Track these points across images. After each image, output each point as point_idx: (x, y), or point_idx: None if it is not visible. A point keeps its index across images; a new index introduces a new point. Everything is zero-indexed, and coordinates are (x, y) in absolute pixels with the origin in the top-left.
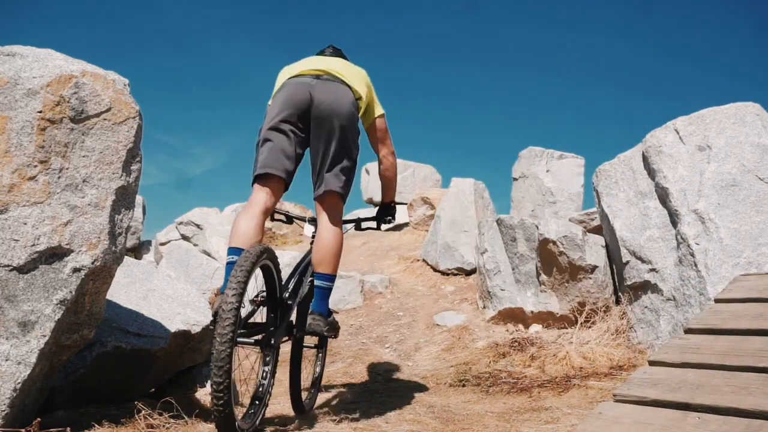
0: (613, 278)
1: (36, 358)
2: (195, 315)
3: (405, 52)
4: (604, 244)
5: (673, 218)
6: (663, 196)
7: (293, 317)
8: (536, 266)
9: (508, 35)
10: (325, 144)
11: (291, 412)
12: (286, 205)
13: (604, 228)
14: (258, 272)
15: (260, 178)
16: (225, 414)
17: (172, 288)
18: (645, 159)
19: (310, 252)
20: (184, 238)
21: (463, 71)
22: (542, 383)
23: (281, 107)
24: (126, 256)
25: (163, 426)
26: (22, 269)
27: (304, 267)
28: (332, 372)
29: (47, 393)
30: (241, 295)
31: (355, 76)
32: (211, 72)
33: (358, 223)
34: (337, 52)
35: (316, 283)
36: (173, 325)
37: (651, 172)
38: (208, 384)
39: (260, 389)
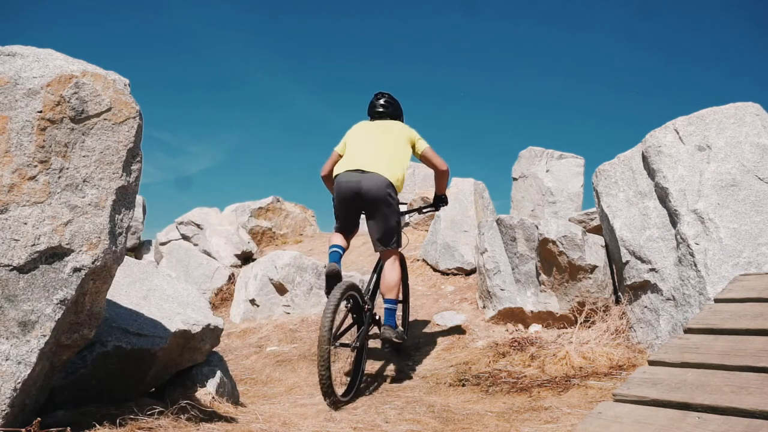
0: (613, 278)
1: (36, 357)
2: (195, 315)
3: (405, 52)
4: (603, 244)
5: (673, 218)
6: (662, 196)
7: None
8: (536, 266)
9: (508, 35)
10: (373, 217)
11: (291, 412)
12: (287, 205)
13: (603, 228)
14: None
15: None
16: (329, 392)
17: (173, 288)
18: (645, 159)
19: (378, 261)
20: (185, 238)
21: (463, 71)
22: (542, 383)
23: (339, 207)
24: (126, 256)
25: (164, 426)
26: (22, 269)
27: (376, 270)
28: (332, 372)
29: (47, 393)
30: (333, 323)
31: (392, 157)
32: (206, 69)
33: (419, 210)
34: (387, 111)
35: (385, 306)
36: (173, 325)
37: (651, 172)
38: (208, 384)
39: (353, 376)
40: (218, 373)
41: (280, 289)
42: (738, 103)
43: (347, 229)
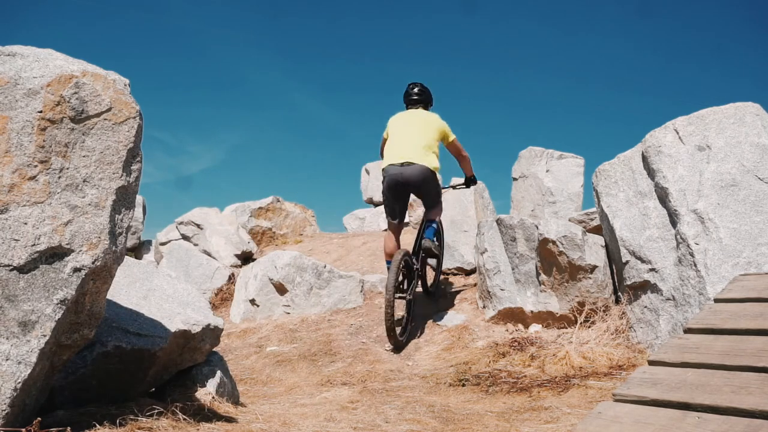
0: (613, 278)
1: (36, 357)
2: (195, 315)
3: (405, 52)
4: (603, 244)
5: (673, 218)
6: (662, 196)
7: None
8: (536, 266)
9: (508, 35)
10: (420, 195)
11: (291, 411)
12: (287, 205)
13: (603, 228)
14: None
15: (392, 219)
16: (392, 330)
17: (173, 288)
18: (644, 159)
19: (420, 229)
20: (185, 238)
21: (463, 71)
22: (542, 383)
23: (387, 194)
24: (126, 256)
25: (164, 426)
26: (22, 269)
27: (420, 236)
28: (332, 372)
29: (47, 393)
30: (397, 280)
31: (426, 146)
32: (206, 69)
33: (453, 186)
34: (420, 98)
35: (427, 223)
36: (173, 325)
37: (650, 172)
38: (208, 384)
39: (405, 320)
40: (218, 373)
41: (280, 289)
42: (738, 103)
43: (397, 216)
